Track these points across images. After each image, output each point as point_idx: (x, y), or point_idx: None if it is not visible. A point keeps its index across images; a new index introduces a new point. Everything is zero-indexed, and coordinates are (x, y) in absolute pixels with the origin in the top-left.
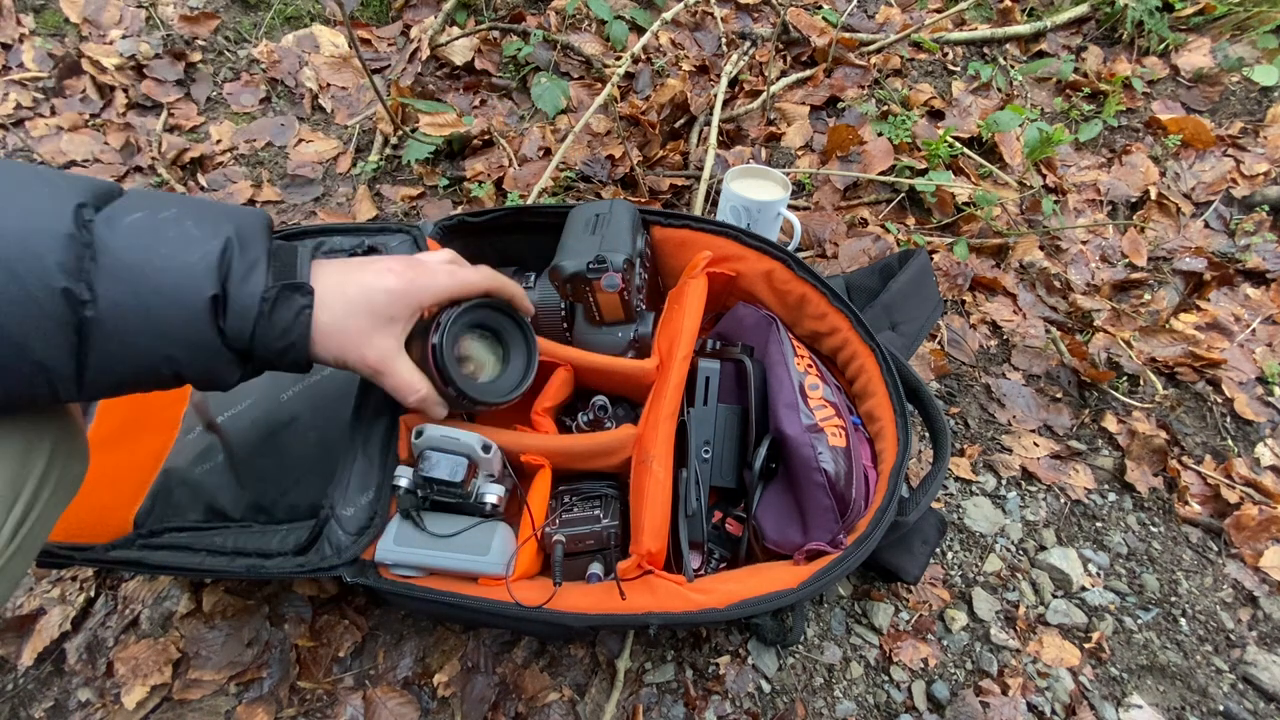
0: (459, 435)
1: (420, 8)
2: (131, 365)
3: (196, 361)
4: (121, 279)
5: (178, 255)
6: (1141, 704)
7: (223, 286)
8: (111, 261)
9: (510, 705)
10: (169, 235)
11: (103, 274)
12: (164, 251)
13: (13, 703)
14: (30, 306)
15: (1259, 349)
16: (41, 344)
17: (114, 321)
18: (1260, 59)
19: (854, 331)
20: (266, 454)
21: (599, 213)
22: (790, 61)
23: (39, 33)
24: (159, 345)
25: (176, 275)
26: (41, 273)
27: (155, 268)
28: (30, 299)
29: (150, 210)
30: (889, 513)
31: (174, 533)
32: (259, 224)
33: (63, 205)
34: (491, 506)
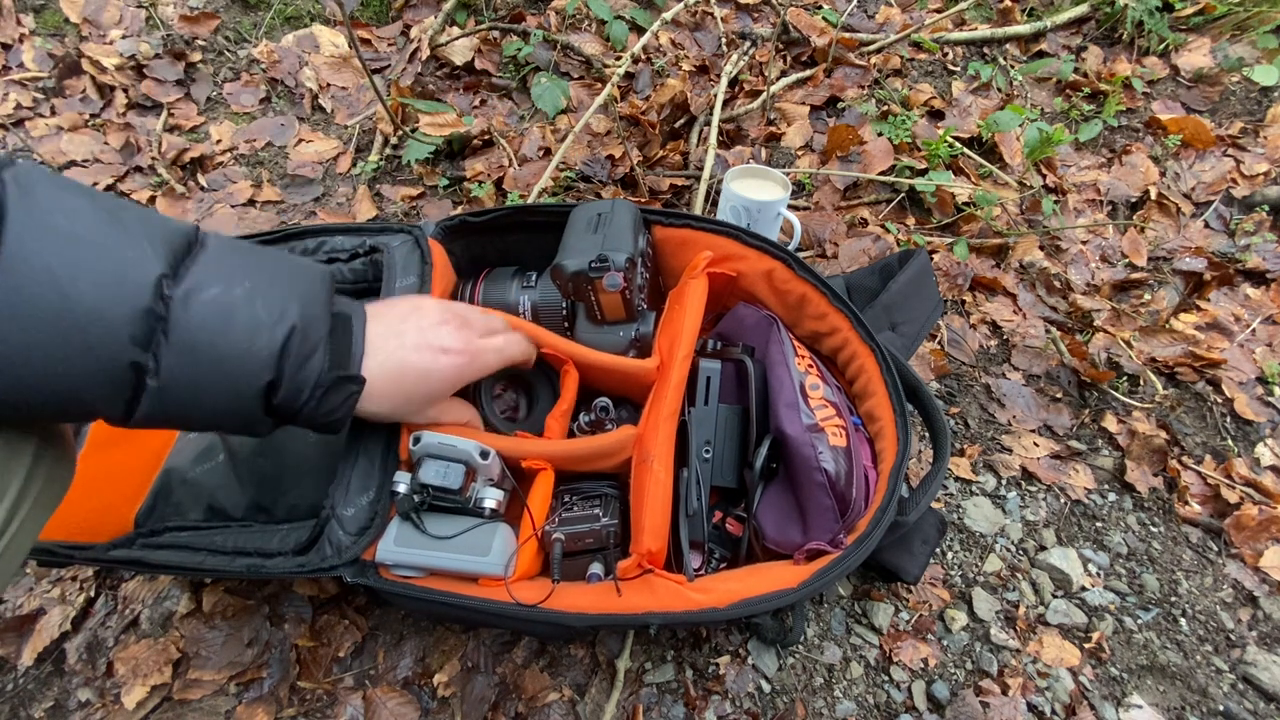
0: (456, 443)
1: (420, 8)
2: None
3: (237, 426)
4: (187, 359)
5: (243, 343)
6: (1141, 704)
7: (278, 372)
8: (181, 341)
9: (510, 705)
10: (239, 320)
11: (171, 351)
12: (232, 338)
13: (13, 703)
14: (97, 373)
15: (1259, 349)
16: (98, 399)
17: (170, 392)
18: (1260, 59)
19: (854, 331)
20: (267, 453)
21: (600, 212)
22: (790, 61)
23: (39, 33)
24: (205, 416)
25: (240, 362)
26: (114, 345)
27: (220, 354)
28: (98, 367)
29: (226, 285)
30: (889, 512)
31: (174, 532)
32: (323, 296)
33: (145, 274)
34: (490, 511)
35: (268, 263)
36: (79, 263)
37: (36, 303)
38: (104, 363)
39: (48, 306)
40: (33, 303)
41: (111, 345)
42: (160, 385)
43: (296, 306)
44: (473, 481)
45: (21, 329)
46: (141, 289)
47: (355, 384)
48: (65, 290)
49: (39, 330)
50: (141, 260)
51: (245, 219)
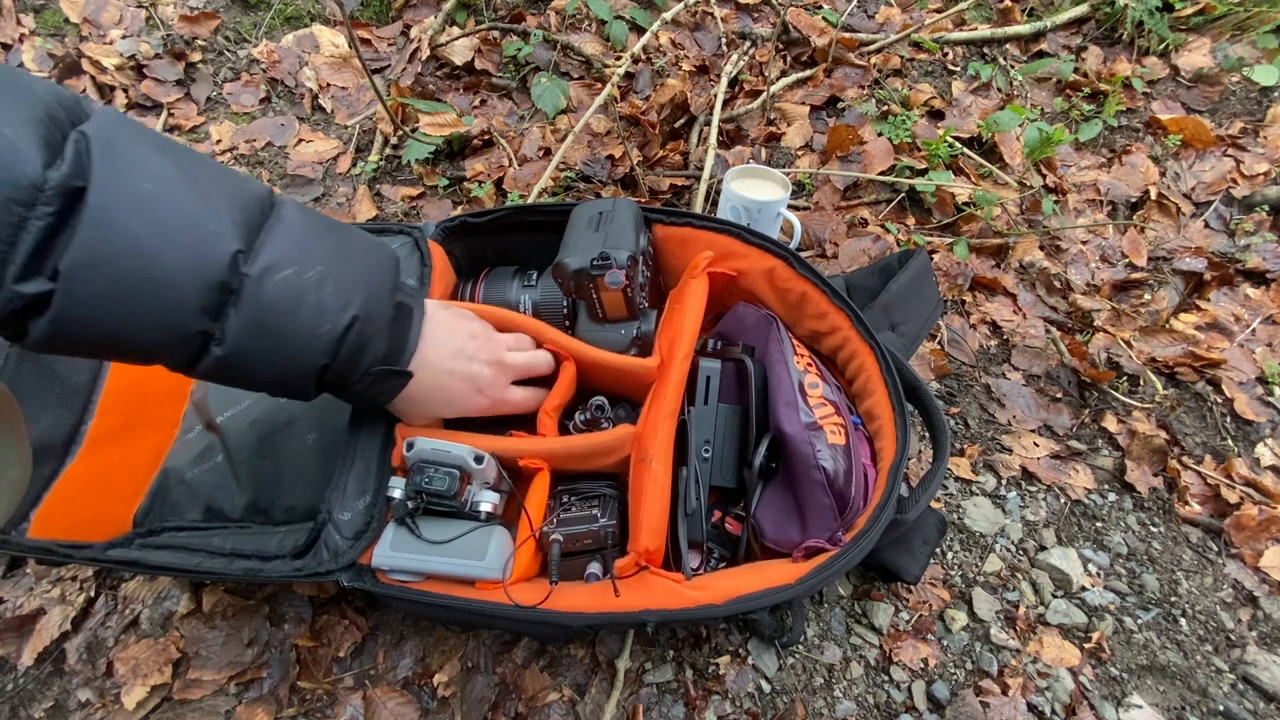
0: (450, 448)
1: (420, 8)
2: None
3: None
4: (253, 335)
5: (307, 326)
6: (1141, 704)
7: (333, 357)
8: (251, 316)
9: (510, 705)
10: (307, 303)
11: (240, 324)
12: (299, 320)
13: (13, 703)
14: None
15: (1259, 349)
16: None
17: (233, 360)
18: (1260, 59)
19: (854, 330)
20: (265, 455)
21: (602, 210)
22: (790, 61)
23: (39, 33)
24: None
25: (302, 344)
26: (186, 313)
27: (285, 335)
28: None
29: (299, 267)
30: (888, 510)
31: (172, 532)
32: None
33: (222, 248)
34: (486, 515)
35: (340, 242)
36: (161, 232)
37: (118, 265)
38: (175, 327)
39: (129, 270)
40: (114, 265)
41: (183, 312)
42: (224, 354)
43: (361, 295)
44: (468, 485)
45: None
46: (218, 263)
47: (402, 379)
48: (146, 258)
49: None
50: (220, 234)
51: None
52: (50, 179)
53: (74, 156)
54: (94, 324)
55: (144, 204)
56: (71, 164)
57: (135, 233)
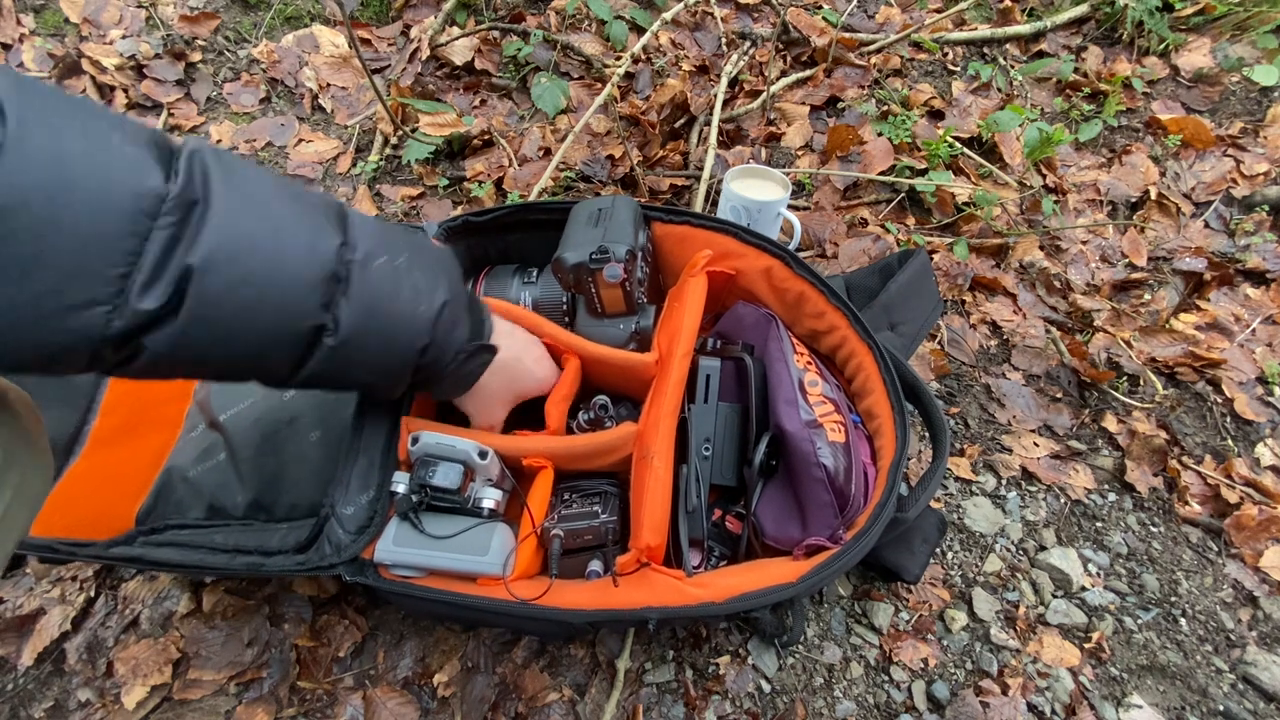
0: (455, 443)
1: (420, 8)
2: (332, 381)
3: (385, 385)
4: (364, 320)
5: (408, 307)
6: (1141, 704)
7: (433, 336)
8: (361, 304)
9: (510, 705)
10: (405, 286)
11: (351, 309)
12: (402, 299)
13: (13, 703)
14: (283, 333)
15: (1259, 349)
16: (277, 356)
17: (343, 350)
18: (1260, 59)
19: (852, 330)
20: (268, 452)
21: (601, 207)
22: (790, 61)
23: (39, 33)
24: (366, 373)
25: (407, 324)
26: (304, 308)
27: (393, 316)
28: (285, 328)
29: (390, 255)
30: (888, 508)
31: (175, 530)
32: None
33: (329, 243)
34: (489, 511)
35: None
36: (277, 230)
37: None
38: (292, 322)
39: (252, 268)
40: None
41: (302, 308)
42: (336, 344)
43: (445, 280)
44: (471, 481)
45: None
46: (328, 255)
47: (489, 353)
48: (267, 254)
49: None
50: (323, 230)
51: None
52: (171, 191)
53: (187, 170)
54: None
55: (257, 206)
56: (185, 177)
57: (254, 233)
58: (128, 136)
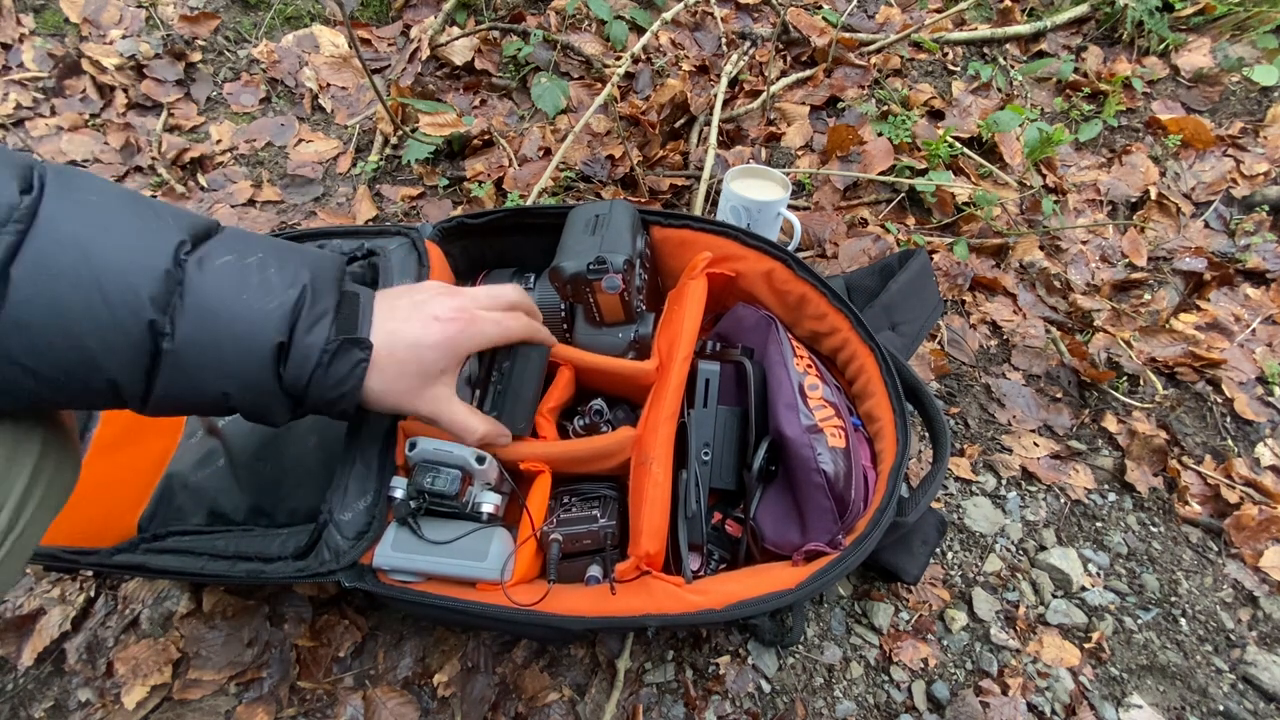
0: (452, 449)
1: (420, 8)
2: (192, 393)
3: (251, 399)
4: (203, 319)
5: (256, 303)
6: (1141, 704)
7: (290, 335)
8: (196, 301)
9: (510, 705)
10: (252, 282)
11: (187, 312)
12: (245, 298)
13: (13, 703)
14: (116, 332)
15: (1259, 349)
16: (118, 365)
17: (186, 356)
18: (1260, 59)
19: (854, 332)
20: (267, 458)
21: (599, 213)
22: (790, 61)
23: (39, 33)
24: (220, 381)
25: (251, 322)
26: (134, 304)
27: (233, 313)
28: (118, 325)
29: (239, 254)
30: (888, 513)
31: (177, 536)
32: (333, 272)
33: (166, 241)
34: (488, 515)
35: (281, 244)
36: (106, 228)
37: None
38: (122, 321)
39: (73, 266)
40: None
41: (130, 302)
42: (175, 348)
43: (307, 273)
44: (470, 486)
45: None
46: (161, 253)
47: (361, 349)
48: (89, 252)
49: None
50: (162, 230)
51: (245, 219)
52: (23, 203)
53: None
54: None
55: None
56: (37, 191)
57: (79, 232)
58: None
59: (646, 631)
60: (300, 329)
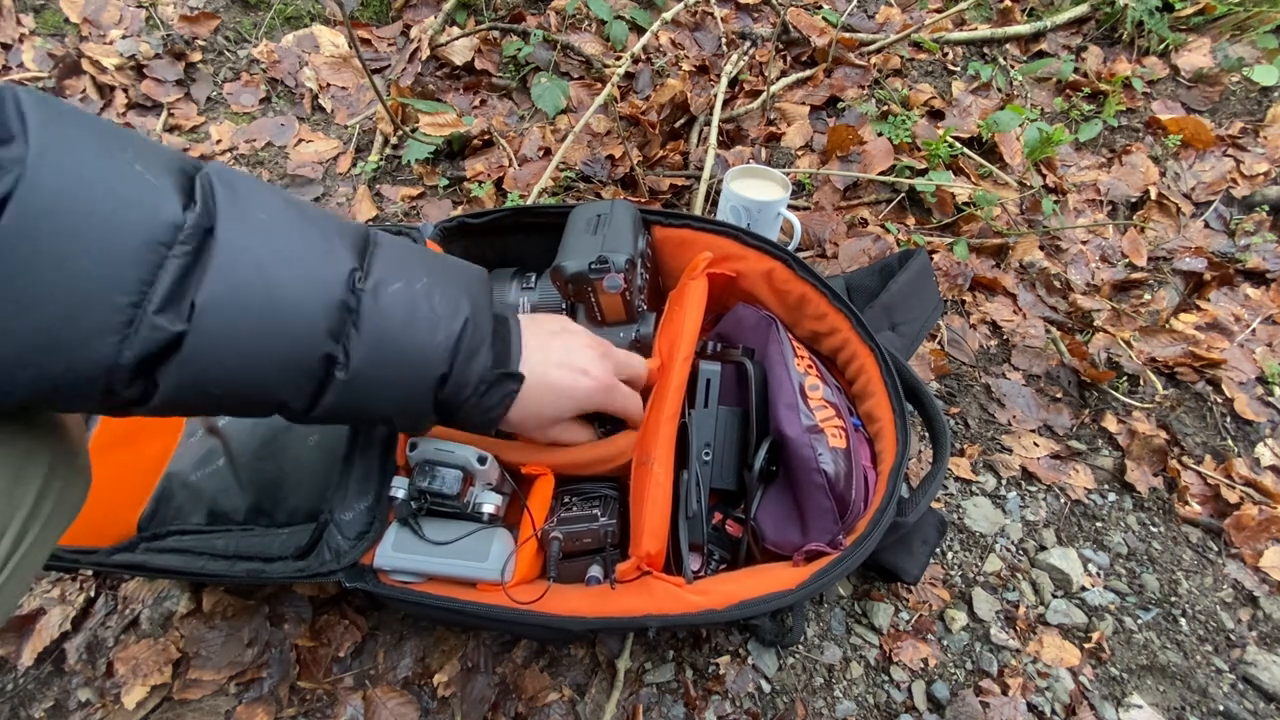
0: (454, 449)
1: (420, 8)
2: (354, 415)
3: (406, 419)
4: (375, 352)
5: (424, 335)
6: (1141, 704)
7: (452, 365)
8: (371, 334)
9: (510, 705)
10: (420, 313)
11: (362, 343)
12: (415, 331)
13: (13, 703)
14: (292, 364)
15: (1259, 349)
16: (290, 391)
17: (356, 384)
18: (1260, 59)
19: (854, 332)
20: (267, 457)
21: (600, 213)
22: (790, 61)
23: (39, 33)
24: (382, 406)
25: (421, 354)
26: (313, 338)
27: (405, 346)
28: (296, 359)
29: (407, 281)
30: (888, 513)
31: (176, 536)
32: (486, 296)
33: (339, 268)
34: (489, 516)
35: (437, 260)
36: (282, 255)
37: (249, 295)
38: (301, 354)
39: (257, 299)
40: (245, 295)
41: (310, 337)
42: (348, 378)
43: (468, 303)
44: (471, 486)
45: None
46: (337, 283)
47: (515, 382)
48: (271, 283)
49: (248, 320)
50: (335, 255)
51: None
52: (188, 220)
53: (202, 197)
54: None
55: (265, 232)
56: (202, 205)
57: (260, 259)
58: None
59: (647, 632)
60: (461, 359)
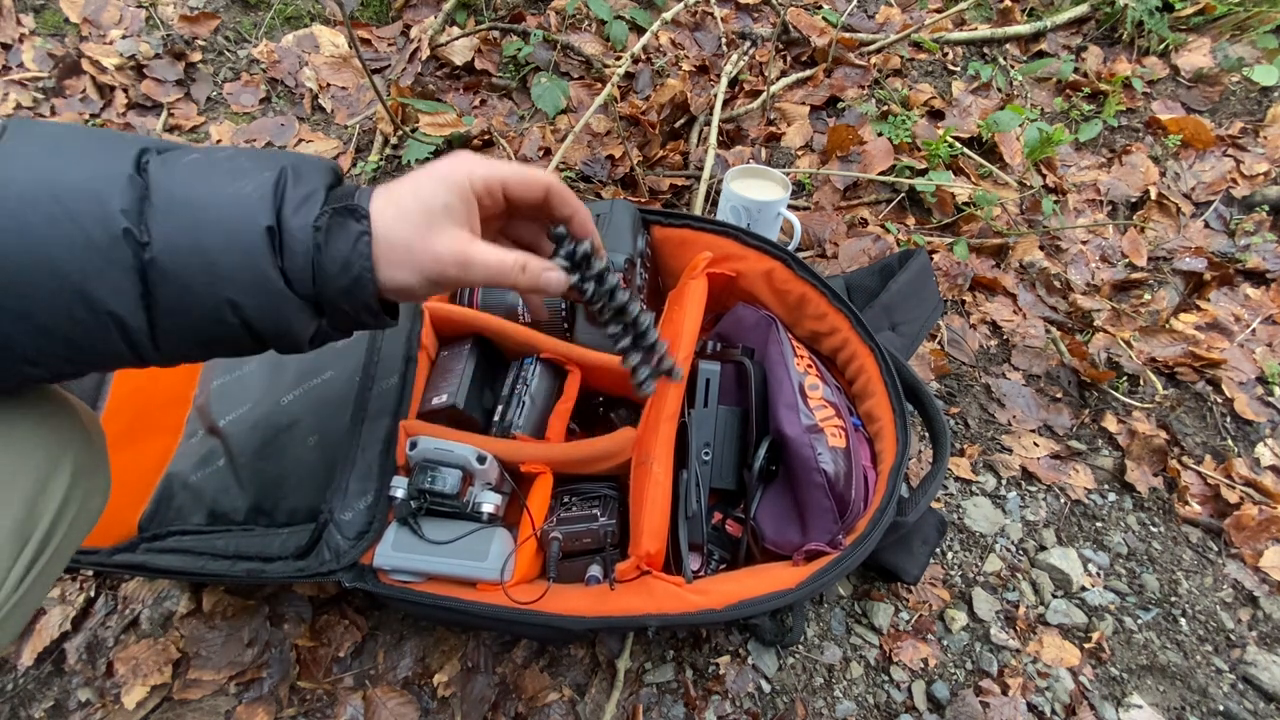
0: (453, 448)
1: (420, 8)
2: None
3: (261, 307)
4: (175, 215)
5: (229, 186)
6: (1141, 704)
7: (278, 217)
8: (165, 198)
9: (510, 705)
10: (222, 169)
11: (157, 212)
12: (216, 182)
13: (13, 703)
14: (95, 253)
15: (1259, 349)
16: (109, 292)
17: (172, 262)
18: (1260, 59)
19: (854, 332)
20: (267, 457)
21: (599, 213)
22: (790, 61)
23: (39, 33)
24: (219, 287)
25: (229, 207)
26: (104, 217)
27: (207, 201)
28: (94, 245)
29: (207, 153)
30: (888, 513)
31: (177, 536)
32: (320, 163)
33: (126, 150)
34: (489, 515)
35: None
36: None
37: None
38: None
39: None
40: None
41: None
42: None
43: (287, 159)
44: (470, 486)
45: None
46: (122, 159)
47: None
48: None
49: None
50: (123, 144)
51: None
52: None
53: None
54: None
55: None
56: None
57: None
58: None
59: (647, 631)
60: (288, 210)
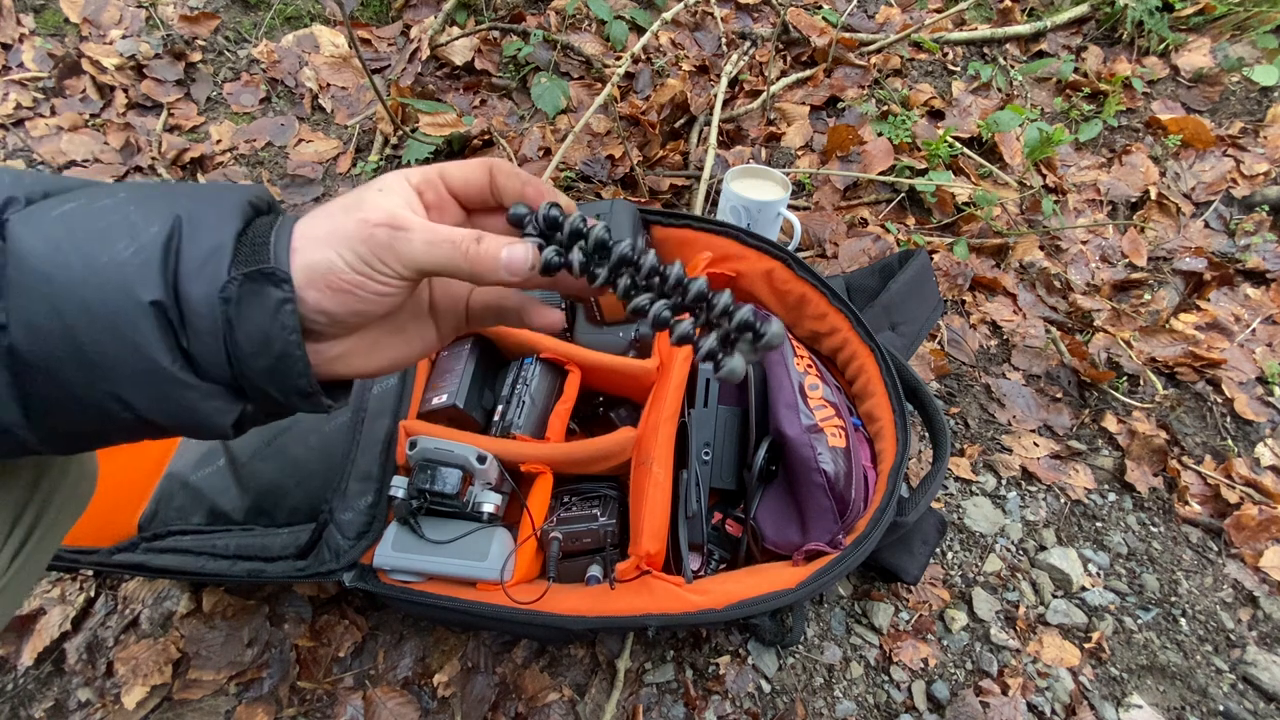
0: (453, 448)
1: (420, 8)
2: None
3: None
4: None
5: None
6: (1141, 704)
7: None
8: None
9: (510, 705)
10: (97, 227)
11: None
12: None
13: (13, 703)
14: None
15: (1259, 349)
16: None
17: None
18: (1260, 59)
19: (854, 332)
20: (267, 457)
21: (599, 213)
22: (790, 61)
23: (39, 33)
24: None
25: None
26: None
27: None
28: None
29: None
30: (888, 513)
31: (177, 536)
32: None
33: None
34: (489, 515)
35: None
36: None
37: None
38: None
39: None
40: None
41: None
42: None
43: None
44: (470, 485)
45: None
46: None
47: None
48: None
49: None
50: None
51: None
52: None
53: None
54: None
55: None
56: None
57: None
58: None
59: (646, 631)
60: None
